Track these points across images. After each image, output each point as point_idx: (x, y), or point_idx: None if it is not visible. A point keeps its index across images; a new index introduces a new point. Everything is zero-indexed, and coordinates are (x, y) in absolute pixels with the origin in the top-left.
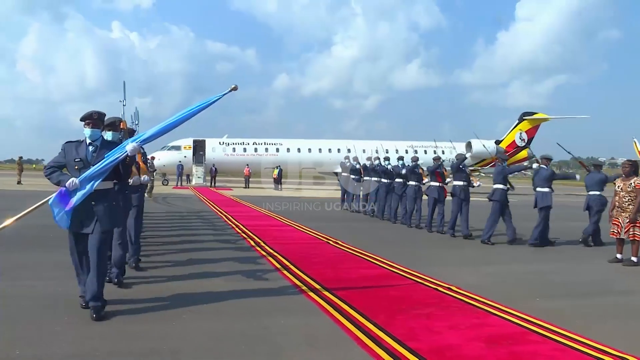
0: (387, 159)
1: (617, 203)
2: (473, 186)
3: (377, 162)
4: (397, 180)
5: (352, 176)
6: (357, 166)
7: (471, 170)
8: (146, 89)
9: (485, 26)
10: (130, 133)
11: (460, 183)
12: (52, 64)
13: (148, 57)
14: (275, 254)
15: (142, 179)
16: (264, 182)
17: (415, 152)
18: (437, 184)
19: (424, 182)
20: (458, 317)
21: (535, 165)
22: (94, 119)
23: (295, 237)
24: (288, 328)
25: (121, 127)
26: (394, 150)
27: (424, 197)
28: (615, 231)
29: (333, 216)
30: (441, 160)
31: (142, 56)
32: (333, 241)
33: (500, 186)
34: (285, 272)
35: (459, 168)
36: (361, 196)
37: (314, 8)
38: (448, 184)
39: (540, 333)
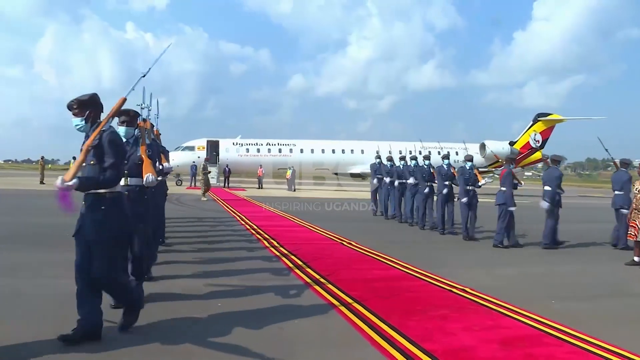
0: (427, 157)
1: (634, 205)
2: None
3: (413, 162)
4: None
5: (386, 179)
6: (390, 167)
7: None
8: (161, 90)
9: (502, 26)
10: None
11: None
12: (68, 65)
13: (163, 57)
14: (289, 254)
15: (145, 179)
16: (270, 182)
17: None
18: (504, 189)
19: (479, 184)
20: (473, 319)
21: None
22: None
23: (308, 237)
24: (302, 328)
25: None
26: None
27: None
28: (633, 234)
29: (346, 216)
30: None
31: (157, 56)
32: (347, 242)
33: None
34: (299, 272)
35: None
36: (395, 201)
37: (330, 8)
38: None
39: (555, 336)
